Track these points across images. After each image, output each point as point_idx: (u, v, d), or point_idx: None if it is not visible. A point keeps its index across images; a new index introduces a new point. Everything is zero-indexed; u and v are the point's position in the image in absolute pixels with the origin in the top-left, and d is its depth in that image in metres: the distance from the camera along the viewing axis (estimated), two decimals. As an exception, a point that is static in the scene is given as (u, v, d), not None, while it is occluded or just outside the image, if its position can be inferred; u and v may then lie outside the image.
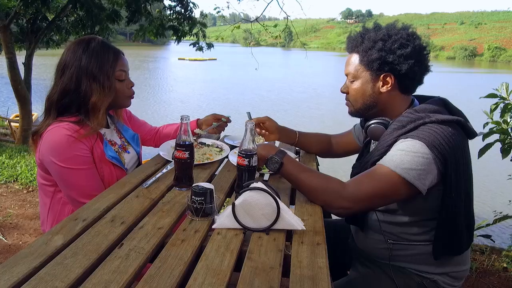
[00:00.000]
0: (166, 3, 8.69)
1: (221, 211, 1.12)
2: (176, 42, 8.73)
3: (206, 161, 1.54)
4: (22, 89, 7.58)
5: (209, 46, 9.22)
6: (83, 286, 0.77)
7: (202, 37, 9.09)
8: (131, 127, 1.71)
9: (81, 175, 1.33)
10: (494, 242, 2.92)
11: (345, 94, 1.37)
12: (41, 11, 7.26)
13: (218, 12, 8.60)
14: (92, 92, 1.36)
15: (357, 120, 1.57)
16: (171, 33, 8.58)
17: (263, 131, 1.68)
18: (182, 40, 8.80)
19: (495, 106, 2.26)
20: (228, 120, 1.82)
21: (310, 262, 0.91)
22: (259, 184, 1.06)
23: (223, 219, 1.05)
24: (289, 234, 1.04)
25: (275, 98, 21.01)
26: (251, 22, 8.34)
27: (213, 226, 1.05)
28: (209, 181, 1.40)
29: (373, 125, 1.31)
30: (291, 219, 1.04)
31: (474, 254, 2.73)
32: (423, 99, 1.32)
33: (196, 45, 9.03)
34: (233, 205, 1.03)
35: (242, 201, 1.03)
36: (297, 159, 1.66)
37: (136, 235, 0.98)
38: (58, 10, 7.60)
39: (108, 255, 0.88)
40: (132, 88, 1.51)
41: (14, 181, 3.94)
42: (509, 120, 2.22)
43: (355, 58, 1.30)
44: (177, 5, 8.41)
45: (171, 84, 26.91)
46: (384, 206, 1.25)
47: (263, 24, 8.36)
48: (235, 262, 0.90)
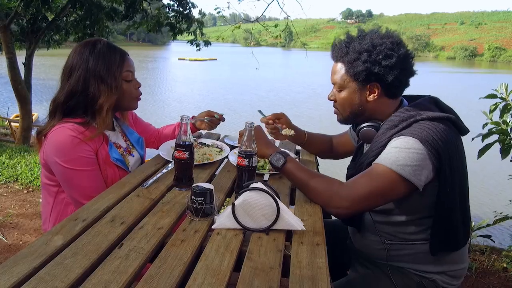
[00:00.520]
0: (165, 2, 8.68)
1: (221, 211, 1.12)
2: (172, 39, 8.75)
3: (206, 161, 1.54)
4: (22, 89, 7.58)
5: (206, 43, 9.20)
6: (83, 286, 0.77)
7: (200, 35, 9.08)
8: (136, 130, 1.71)
9: (85, 177, 1.33)
10: (494, 242, 2.93)
11: (333, 102, 1.39)
12: (41, 11, 7.26)
13: (219, 13, 8.60)
14: (100, 94, 1.37)
15: None
16: (168, 30, 8.57)
17: (280, 125, 1.64)
18: (179, 40, 8.81)
19: (495, 107, 2.26)
20: (222, 118, 1.80)
21: (310, 263, 0.91)
22: (259, 185, 1.06)
23: (223, 219, 1.05)
24: (289, 235, 1.05)
25: (274, 98, 20.96)
26: (252, 22, 8.34)
27: (213, 226, 1.05)
28: (209, 182, 1.40)
29: (365, 129, 1.33)
30: (291, 220, 1.04)
31: (474, 254, 2.73)
32: (413, 99, 1.33)
33: (194, 43, 9.03)
34: (233, 205, 1.04)
35: (242, 201, 1.03)
36: (297, 159, 1.66)
37: (136, 235, 0.98)
38: (58, 10, 7.60)
39: (108, 255, 0.88)
40: (139, 89, 1.52)
41: (14, 181, 3.94)
42: (509, 121, 2.22)
43: (341, 68, 1.31)
44: (176, 4, 8.41)
45: (170, 84, 26.89)
46: (382, 207, 1.25)
47: (264, 24, 8.36)
48: (235, 262, 0.91)
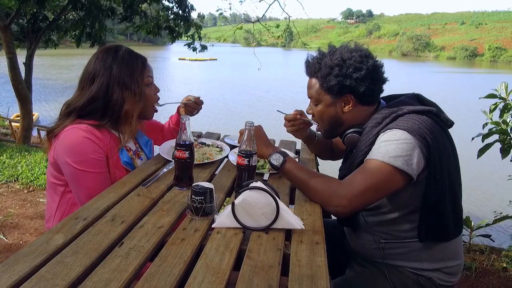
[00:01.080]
0: (165, 4, 8.69)
1: (221, 211, 1.13)
2: (171, 42, 8.81)
3: (206, 161, 1.55)
4: (23, 89, 7.59)
5: (203, 48, 9.27)
6: (84, 285, 0.78)
7: (198, 38, 9.13)
8: (147, 127, 1.72)
9: (93, 179, 1.33)
10: (494, 242, 2.93)
11: (311, 115, 1.45)
12: (41, 11, 7.27)
13: (221, 14, 8.61)
14: (125, 100, 1.39)
15: None
16: (167, 33, 8.62)
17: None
18: (178, 40, 8.87)
19: (495, 107, 2.27)
20: (198, 101, 1.74)
21: (309, 261, 0.91)
22: (259, 184, 1.07)
23: (223, 218, 1.06)
24: (288, 233, 1.05)
25: (272, 99, 20.90)
26: (253, 23, 8.35)
27: (213, 225, 1.05)
28: (209, 181, 1.41)
29: (349, 135, 1.36)
30: (291, 219, 1.04)
31: (474, 254, 2.73)
32: (392, 98, 1.38)
33: (191, 46, 9.09)
34: (233, 205, 1.04)
35: (242, 201, 1.04)
36: (297, 159, 1.67)
37: (136, 234, 0.98)
38: (58, 10, 7.61)
39: (109, 254, 0.89)
40: (158, 94, 1.54)
41: (15, 181, 3.95)
42: (508, 120, 2.22)
43: (315, 83, 1.37)
44: (175, 6, 8.43)
45: (169, 84, 26.87)
46: (374, 205, 1.27)
47: (265, 25, 8.36)
48: (235, 261, 0.91)
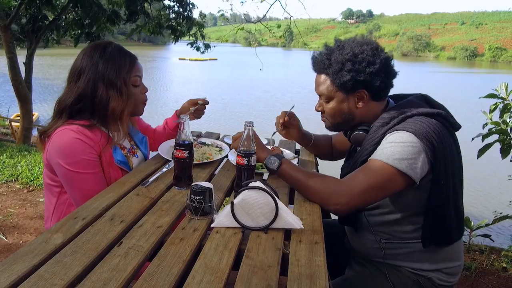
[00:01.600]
0: (166, 3, 8.68)
1: (220, 210, 1.13)
2: (174, 42, 8.75)
3: (206, 161, 1.55)
4: (23, 89, 7.59)
5: (207, 47, 9.22)
6: (82, 284, 0.78)
7: (201, 38, 9.09)
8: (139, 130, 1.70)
9: (87, 179, 1.32)
10: (494, 242, 2.93)
11: (321, 112, 1.40)
12: (42, 11, 7.27)
13: (222, 15, 8.60)
14: (110, 98, 1.36)
15: None
16: (169, 33, 8.59)
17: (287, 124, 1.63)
18: (181, 40, 8.82)
19: (495, 107, 2.26)
20: (205, 102, 1.76)
21: (308, 261, 0.91)
22: (258, 183, 1.07)
23: (222, 218, 1.06)
24: (288, 233, 1.05)
25: (271, 99, 20.83)
26: (255, 23, 8.33)
27: (212, 225, 1.05)
28: (209, 181, 1.41)
29: (356, 133, 1.34)
30: (290, 218, 1.04)
31: (474, 254, 2.73)
32: (399, 98, 1.36)
33: (194, 45, 9.04)
34: (232, 204, 1.04)
35: (241, 200, 1.04)
36: (297, 159, 1.67)
37: (135, 234, 0.98)
38: (59, 10, 7.61)
39: (107, 253, 0.89)
40: (146, 94, 1.52)
41: (15, 181, 3.95)
42: (508, 121, 2.22)
43: (326, 79, 1.32)
44: (176, 5, 8.41)
45: (167, 84, 26.85)
46: (376, 205, 1.27)
47: (267, 25, 8.34)
48: (234, 261, 0.91)
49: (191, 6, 8.43)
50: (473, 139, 2.27)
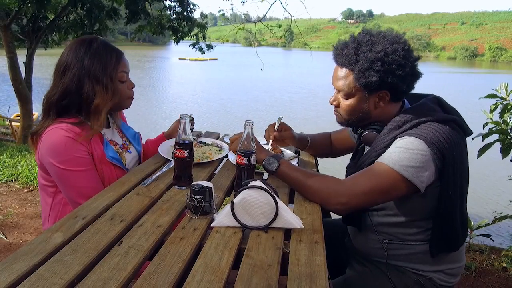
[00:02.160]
0: (167, 3, 8.69)
1: (220, 210, 1.13)
2: (175, 43, 8.74)
3: (206, 160, 1.55)
4: (23, 89, 7.59)
5: (209, 48, 9.21)
6: (83, 283, 0.78)
7: (202, 38, 9.09)
8: None
9: (80, 177, 1.32)
10: (494, 242, 2.93)
11: (334, 106, 1.35)
12: (41, 11, 7.27)
13: (223, 15, 8.60)
14: (95, 94, 1.34)
15: None
16: (171, 33, 8.59)
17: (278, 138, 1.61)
18: (182, 40, 8.81)
19: (495, 107, 2.26)
20: (192, 120, 1.69)
21: (308, 260, 0.91)
22: (258, 183, 1.07)
23: (222, 217, 1.06)
24: (288, 233, 1.05)
25: (269, 99, 20.78)
26: (255, 23, 8.32)
27: (212, 224, 1.05)
28: (209, 180, 1.41)
29: (367, 132, 1.31)
30: (290, 218, 1.04)
31: (474, 254, 2.73)
32: (414, 98, 1.32)
33: (196, 46, 9.03)
34: (232, 204, 1.04)
35: (241, 200, 1.04)
36: (297, 159, 1.67)
37: (136, 233, 0.98)
38: (59, 10, 7.61)
39: (108, 253, 0.89)
40: (133, 89, 1.51)
41: (15, 180, 3.95)
42: (509, 120, 2.22)
43: (348, 75, 1.24)
44: (177, 6, 8.42)
45: (165, 84, 26.80)
46: (380, 207, 1.26)
47: (267, 25, 8.33)
48: (234, 260, 0.91)
49: (192, 7, 8.43)
50: (474, 139, 2.27)
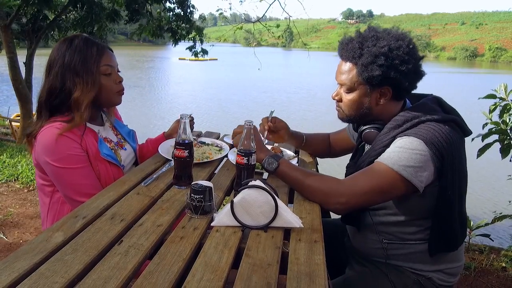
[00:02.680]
0: (166, 5, 8.70)
1: (220, 209, 1.13)
2: (174, 45, 8.79)
3: (206, 160, 1.55)
4: (23, 89, 7.59)
5: (205, 52, 9.26)
6: (83, 282, 0.78)
7: (200, 41, 9.14)
8: None
9: (76, 174, 1.32)
10: (493, 241, 2.93)
11: (336, 101, 1.35)
12: (42, 11, 7.28)
13: (221, 14, 8.61)
14: (76, 87, 1.36)
15: None
16: (169, 35, 8.63)
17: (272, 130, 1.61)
18: (180, 42, 8.88)
19: (494, 107, 2.27)
20: (192, 119, 1.70)
21: (307, 259, 0.92)
22: (258, 182, 1.07)
23: (222, 217, 1.06)
24: (287, 232, 1.05)
25: (268, 100, 20.74)
26: (254, 23, 8.33)
27: (212, 224, 1.06)
28: (209, 180, 1.41)
29: (368, 130, 1.32)
30: (289, 217, 1.05)
31: (473, 254, 2.73)
32: (415, 98, 1.33)
33: (193, 50, 9.10)
34: (232, 203, 1.04)
35: (241, 199, 1.04)
36: (296, 159, 1.67)
37: (136, 232, 0.99)
38: (59, 9, 7.62)
39: (108, 252, 0.89)
40: (122, 84, 1.49)
41: (15, 180, 3.95)
42: (508, 121, 2.22)
43: (351, 69, 1.25)
44: (177, 7, 8.44)
45: (164, 84, 26.79)
46: (380, 206, 1.26)
47: (266, 25, 8.34)
48: (233, 259, 0.91)
49: (192, 8, 8.45)
50: (473, 139, 2.27)
